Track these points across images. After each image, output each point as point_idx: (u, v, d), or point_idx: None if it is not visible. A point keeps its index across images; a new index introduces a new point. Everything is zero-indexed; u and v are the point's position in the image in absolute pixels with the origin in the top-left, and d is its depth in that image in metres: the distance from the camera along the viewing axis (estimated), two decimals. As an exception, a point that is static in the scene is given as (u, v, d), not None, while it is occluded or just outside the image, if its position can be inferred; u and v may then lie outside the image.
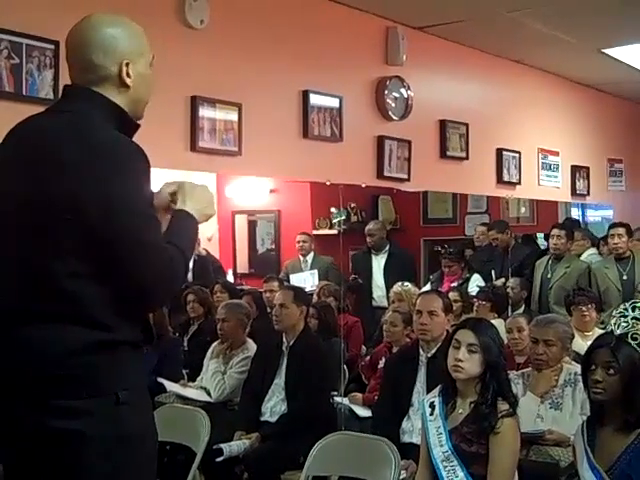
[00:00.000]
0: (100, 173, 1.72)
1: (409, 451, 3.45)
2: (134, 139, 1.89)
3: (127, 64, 1.89)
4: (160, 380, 4.51)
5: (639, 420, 2.69)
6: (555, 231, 6.24)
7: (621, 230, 5.99)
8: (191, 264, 2.01)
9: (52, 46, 3.29)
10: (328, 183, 4.74)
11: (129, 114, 1.93)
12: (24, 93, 3.26)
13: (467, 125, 5.73)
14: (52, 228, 1.74)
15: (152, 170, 1.86)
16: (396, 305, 5.22)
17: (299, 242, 6.56)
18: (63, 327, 1.74)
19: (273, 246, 7.12)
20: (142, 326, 1.89)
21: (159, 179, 2.17)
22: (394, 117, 5.10)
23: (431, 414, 2.98)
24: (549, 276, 6.18)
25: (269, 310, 5.15)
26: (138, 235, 1.74)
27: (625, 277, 5.90)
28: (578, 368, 3.12)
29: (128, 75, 1.89)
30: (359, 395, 4.63)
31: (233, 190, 6.92)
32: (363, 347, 5.62)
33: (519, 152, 6.31)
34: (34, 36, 3.27)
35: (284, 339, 4.33)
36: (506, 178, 6.18)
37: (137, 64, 1.91)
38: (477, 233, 6.82)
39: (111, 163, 1.74)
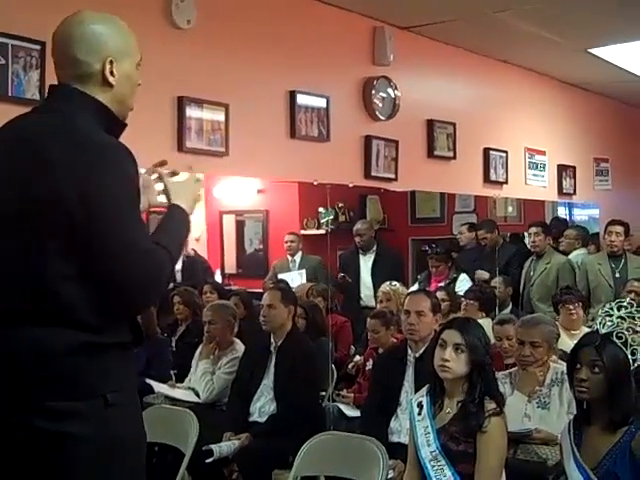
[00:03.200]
0: (84, 173, 1.72)
1: (397, 451, 3.46)
2: (121, 138, 1.88)
3: (111, 62, 1.87)
4: (148, 381, 4.50)
5: (625, 419, 2.71)
6: (532, 229, 6.29)
7: (619, 228, 6.02)
8: (180, 265, 2.01)
9: (38, 47, 3.27)
10: (316, 183, 4.74)
11: (114, 113, 1.91)
12: (10, 94, 3.24)
13: (454, 125, 5.74)
14: (38, 228, 1.74)
15: (139, 170, 1.86)
16: (384, 305, 5.23)
17: (287, 242, 6.57)
18: (51, 329, 1.74)
19: (261, 246, 7.13)
20: (131, 327, 1.88)
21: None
22: (381, 117, 5.10)
23: (419, 414, 2.99)
24: (532, 274, 6.23)
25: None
26: (121, 237, 1.73)
27: (618, 275, 5.93)
28: (565, 367, 3.13)
29: (112, 74, 1.87)
30: (350, 395, 4.64)
31: (221, 190, 6.91)
32: (352, 347, 5.62)
33: (506, 151, 6.32)
34: (20, 37, 3.25)
35: (272, 339, 4.33)
36: (493, 177, 6.20)
37: (122, 63, 1.89)
38: (460, 234, 6.85)
39: (96, 163, 1.73)
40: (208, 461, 3.81)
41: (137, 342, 1.91)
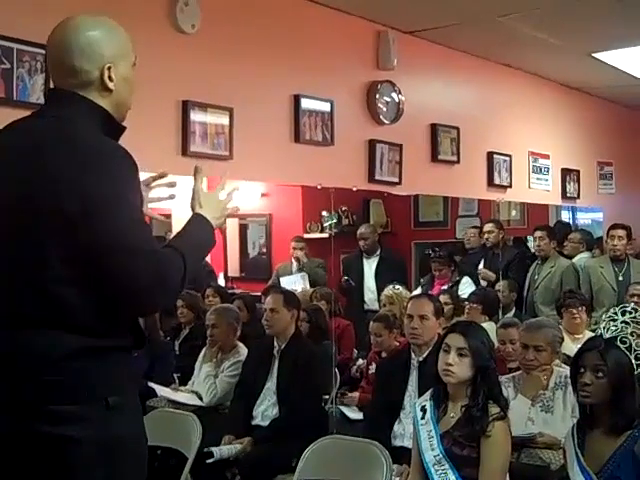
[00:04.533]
0: (83, 176, 1.71)
1: (401, 455, 3.45)
2: (125, 142, 1.88)
3: (109, 68, 1.86)
4: (151, 385, 4.50)
5: (628, 423, 2.71)
6: (537, 232, 6.29)
7: (621, 232, 6.01)
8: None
9: (43, 51, 3.26)
10: (319, 187, 4.75)
11: (114, 117, 1.91)
12: (15, 98, 3.25)
13: (458, 129, 5.75)
14: (37, 232, 1.74)
15: (143, 174, 1.86)
16: (387, 308, 5.23)
17: (295, 248, 6.51)
18: (52, 333, 1.74)
19: (264, 250, 7.12)
20: (133, 330, 1.88)
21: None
22: (385, 121, 5.11)
23: (422, 418, 2.99)
24: (536, 277, 6.22)
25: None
26: (121, 239, 1.72)
27: (621, 278, 5.92)
28: (569, 371, 3.13)
29: (110, 79, 1.87)
30: (355, 394, 4.64)
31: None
32: (355, 350, 5.62)
33: (510, 155, 6.33)
34: (25, 41, 3.26)
35: (275, 343, 4.33)
36: (497, 181, 6.20)
37: (119, 67, 1.89)
38: (467, 235, 6.83)
39: (95, 166, 1.73)
40: (208, 462, 3.81)
41: (139, 345, 1.91)
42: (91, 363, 1.75)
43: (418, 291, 6.02)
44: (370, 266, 6.38)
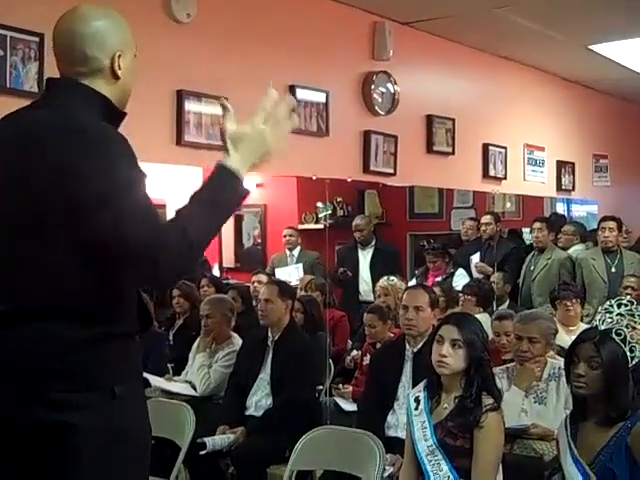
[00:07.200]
0: (84, 159, 1.70)
1: (394, 445, 3.46)
2: (119, 131, 1.88)
3: (119, 56, 1.88)
4: (145, 375, 4.49)
5: (621, 415, 2.71)
6: (537, 224, 6.30)
7: (612, 224, 6.03)
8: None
9: (37, 39, 3.27)
10: (314, 178, 4.74)
11: (116, 104, 1.91)
12: (8, 86, 3.24)
13: (453, 120, 5.74)
14: (41, 222, 1.73)
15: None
16: (382, 300, 5.23)
17: (286, 236, 6.57)
18: (59, 321, 1.73)
19: (259, 240, 7.13)
20: (138, 313, 1.87)
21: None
22: (380, 112, 5.10)
23: (416, 408, 2.99)
24: (532, 268, 6.23)
25: (255, 304, 5.15)
26: (123, 218, 1.67)
27: (614, 270, 5.93)
28: (562, 362, 3.14)
29: (119, 67, 1.88)
30: (349, 388, 4.65)
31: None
32: (349, 342, 5.63)
33: (505, 147, 6.33)
34: (18, 29, 3.26)
35: (269, 334, 4.33)
36: (492, 173, 6.20)
37: (126, 55, 1.91)
38: (465, 227, 6.83)
39: (94, 149, 1.72)
40: (202, 453, 3.81)
41: (146, 327, 1.92)
42: (98, 351, 1.75)
43: (413, 282, 6.02)
44: (365, 257, 6.39)
